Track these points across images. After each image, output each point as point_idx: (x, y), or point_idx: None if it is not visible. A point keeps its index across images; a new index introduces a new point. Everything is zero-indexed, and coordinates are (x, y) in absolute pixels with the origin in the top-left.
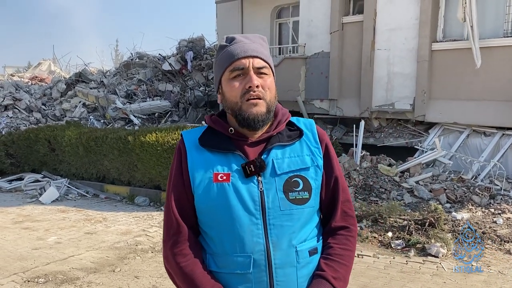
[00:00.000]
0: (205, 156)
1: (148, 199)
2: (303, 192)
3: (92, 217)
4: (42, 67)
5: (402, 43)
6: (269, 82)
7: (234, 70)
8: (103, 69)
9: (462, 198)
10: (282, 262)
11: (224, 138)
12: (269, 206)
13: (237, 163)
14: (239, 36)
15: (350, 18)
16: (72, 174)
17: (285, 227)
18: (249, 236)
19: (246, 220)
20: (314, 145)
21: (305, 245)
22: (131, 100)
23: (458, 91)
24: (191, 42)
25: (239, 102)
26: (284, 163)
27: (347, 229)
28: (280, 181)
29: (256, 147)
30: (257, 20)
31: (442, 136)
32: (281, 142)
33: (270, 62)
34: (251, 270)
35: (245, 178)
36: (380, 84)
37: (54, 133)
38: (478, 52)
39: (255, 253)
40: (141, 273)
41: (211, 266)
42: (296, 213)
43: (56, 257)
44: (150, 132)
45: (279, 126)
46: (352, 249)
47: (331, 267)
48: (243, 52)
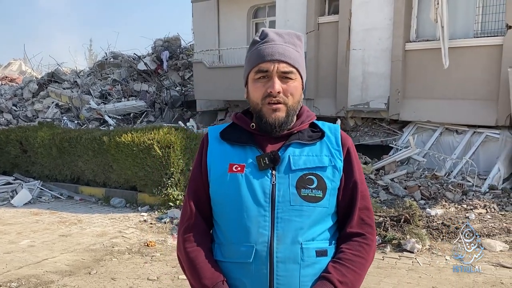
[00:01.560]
0: (224, 148)
1: (124, 200)
2: (317, 191)
3: (66, 219)
4: (13, 67)
5: (377, 43)
6: (293, 87)
7: (259, 72)
8: (77, 69)
9: (436, 194)
10: (285, 257)
11: (245, 132)
12: (279, 200)
13: (253, 156)
14: (272, 33)
15: (325, 18)
16: (45, 176)
17: (292, 222)
18: (255, 227)
19: (255, 211)
20: (335, 148)
21: (313, 244)
22: (105, 101)
23: (431, 90)
24: (167, 41)
25: (260, 104)
26: (300, 160)
27: (363, 236)
28: (294, 177)
29: (275, 143)
30: (234, 20)
31: (416, 134)
32: (300, 140)
33: (298, 65)
34: (251, 260)
35: (259, 171)
36: (355, 83)
37: (26, 134)
38: (446, 53)
39: (258, 244)
40: (118, 275)
41: (217, 256)
42: (307, 210)
43: (29, 261)
44: (125, 132)
45: (301, 125)
46: (366, 257)
47: (339, 271)
48: (269, 55)
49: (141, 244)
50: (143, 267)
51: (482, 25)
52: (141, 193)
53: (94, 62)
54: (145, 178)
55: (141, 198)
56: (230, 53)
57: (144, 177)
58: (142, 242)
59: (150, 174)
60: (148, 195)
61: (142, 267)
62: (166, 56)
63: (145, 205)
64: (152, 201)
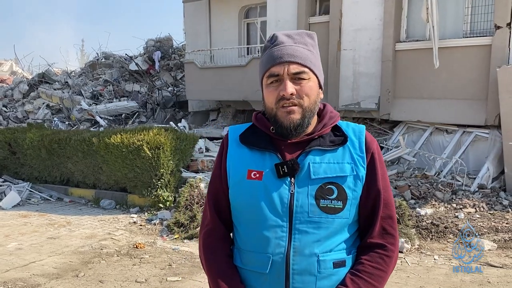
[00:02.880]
0: (243, 152)
1: (114, 202)
2: (337, 201)
3: (55, 221)
4: (4, 68)
5: (367, 43)
6: (307, 87)
7: (270, 77)
8: (68, 70)
9: (426, 194)
10: (301, 269)
11: (264, 136)
12: (297, 211)
13: (271, 163)
14: (281, 35)
15: (316, 18)
16: (34, 178)
17: (310, 234)
18: (273, 237)
19: (272, 220)
20: (359, 154)
21: (330, 255)
22: (97, 101)
23: (421, 90)
24: (159, 41)
25: (274, 108)
26: (321, 168)
27: (384, 248)
28: (313, 187)
29: (295, 148)
30: (225, 20)
31: (407, 134)
32: (321, 146)
33: (310, 64)
34: (267, 270)
35: (278, 178)
36: (346, 83)
37: (15, 135)
38: (437, 53)
39: (275, 255)
40: (106, 277)
41: (237, 262)
42: (325, 222)
43: (16, 264)
44: (115, 133)
45: (323, 129)
46: (386, 269)
47: (356, 284)
48: (278, 57)
49: (130, 246)
50: (132, 269)
51: (471, 25)
52: (131, 194)
53: (86, 63)
54: (135, 180)
55: (131, 199)
56: (222, 53)
57: (134, 179)
58: (131, 244)
59: (139, 175)
60: (138, 197)
61: (131, 269)
62: (158, 56)
63: (135, 207)
64: (142, 202)
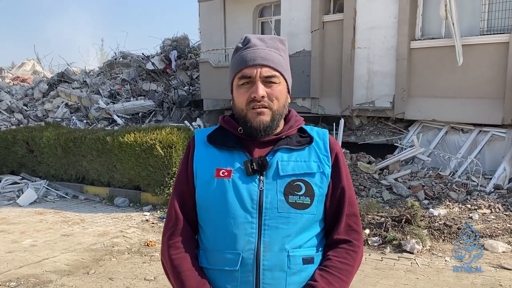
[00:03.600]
0: (211, 152)
1: (127, 199)
2: (305, 197)
3: (70, 218)
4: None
5: (382, 42)
6: (277, 91)
7: (242, 78)
8: (86, 69)
9: (440, 194)
10: (271, 265)
11: (232, 137)
12: (267, 207)
13: (240, 161)
14: (254, 38)
15: (330, 16)
16: (51, 176)
17: (280, 230)
18: (242, 234)
19: (242, 217)
20: (324, 153)
21: (299, 251)
22: (114, 100)
23: (437, 89)
24: (175, 41)
25: (245, 109)
26: (289, 165)
27: (350, 243)
28: (282, 183)
29: (263, 148)
30: (240, 19)
31: (421, 133)
32: (288, 146)
33: (282, 69)
34: (237, 267)
35: (247, 176)
36: (360, 82)
37: (32, 134)
38: (460, 50)
39: (245, 251)
40: (116, 275)
41: (203, 263)
42: (294, 217)
43: (30, 260)
44: (128, 132)
45: (289, 130)
46: (352, 264)
47: (325, 279)
48: (251, 59)
49: (141, 244)
50: (141, 267)
51: (488, 22)
52: (144, 192)
53: (104, 62)
54: (148, 178)
55: (144, 197)
56: None
57: (147, 177)
58: (142, 242)
59: (152, 173)
60: (151, 195)
61: (140, 267)
62: (174, 55)
63: (148, 205)
64: (155, 200)
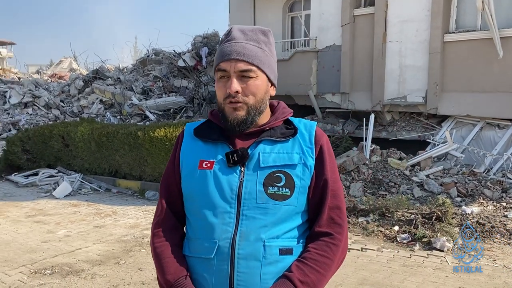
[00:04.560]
0: (196, 145)
1: (158, 193)
2: (284, 189)
3: (102, 211)
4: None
5: (414, 35)
6: (254, 86)
7: (219, 71)
8: (120, 66)
9: (473, 192)
10: (246, 253)
11: (217, 129)
12: (246, 197)
13: (223, 153)
14: (236, 30)
15: (361, 10)
16: (85, 169)
17: (257, 220)
18: (220, 223)
19: (221, 207)
20: (308, 145)
21: (276, 242)
22: (147, 97)
23: (472, 83)
24: (206, 38)
25: (222, 104)
26: (270, 157)
27: (331, 236)
28: (262, 174)
29: (246, 140)
30: (269, 14)
31: (455, 129)
32: (271, 137)
33: (259, 63)
34: (213, 255)
35: (228, 167)
36: (392, 77)
37: (68, 129)
38: (499, 42)
39: (221, 240)
40: (145, 266)
41: (185, 251)
42: (272, 208)
43: (64, 250)
44: (159, 127)
45: (274, 122)
46: (332, 257)
47: (301, 270)
48: (227, 54)
49: None
50: None
51: None
52: None
53: (137, 59)
54: None
55: None
56: None
57: None
58: None
59: None
60: None
61: None
62: (205, 52)
63: None
64: None
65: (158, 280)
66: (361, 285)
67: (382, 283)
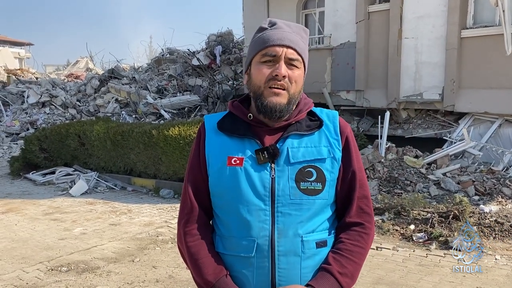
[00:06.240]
0: (222, 139)
1: (172, 191)
2: (316, 183)
3: (117, 209)
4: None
5: (430, 31)
6: (297, 74)
7: (266, 55)
8: (135, 65)
9: (492, 190)
10: (286, 250)
11: (243, 123)
12: (279, 194)
13: (251, 149)
14: (280, 22)
15: (376, 6)
16: (101, 168)
17: (292, 216)
18: (256, 221)
19: (255, 205)
20: (334, 137)
21: (313, 236)
22: (162, 95)
23: (489, 80)
24: (220, 36)
25: (262, 87)
26: (299, 152)
27: (362, 225)
28: (293, 170)
29: (273, 134)
30: (283, 12)
31: (473, 127)
32: (298, 131)
33: (304, 55)
34: (253, 254)
35: (258, 164)
36: (407, 73)
37: (84, 128)
38: (509, 38)
39: (260, 238)
40: (159, 263)
41: (219, 248)
42: (306, 203)
43: (80, 247)
44: (173, 126)
45: (299, 115)
46: (364, 246)
47: (339, 262)
48: (279, 39)
49: None
50: None
51: None
52: None
53: (152, 58)
54: None
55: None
56: None
57: None
58: None
59: None
60: None
61: None
62: (219, 51)
63: None
64: None
65: (195, 280)
66: (376, 284)
67: (398, 283)
